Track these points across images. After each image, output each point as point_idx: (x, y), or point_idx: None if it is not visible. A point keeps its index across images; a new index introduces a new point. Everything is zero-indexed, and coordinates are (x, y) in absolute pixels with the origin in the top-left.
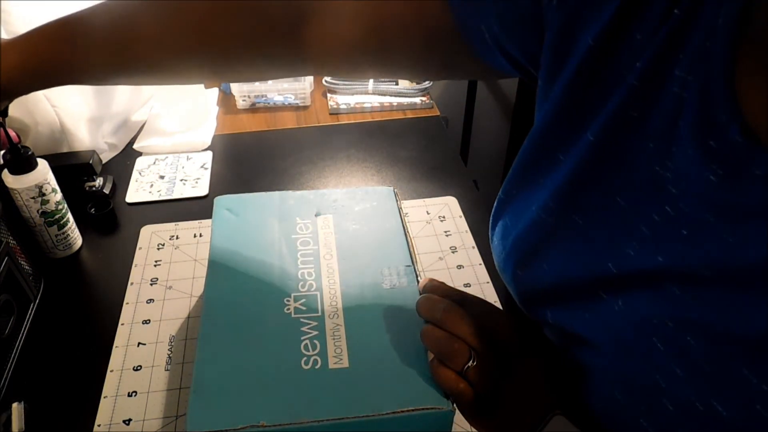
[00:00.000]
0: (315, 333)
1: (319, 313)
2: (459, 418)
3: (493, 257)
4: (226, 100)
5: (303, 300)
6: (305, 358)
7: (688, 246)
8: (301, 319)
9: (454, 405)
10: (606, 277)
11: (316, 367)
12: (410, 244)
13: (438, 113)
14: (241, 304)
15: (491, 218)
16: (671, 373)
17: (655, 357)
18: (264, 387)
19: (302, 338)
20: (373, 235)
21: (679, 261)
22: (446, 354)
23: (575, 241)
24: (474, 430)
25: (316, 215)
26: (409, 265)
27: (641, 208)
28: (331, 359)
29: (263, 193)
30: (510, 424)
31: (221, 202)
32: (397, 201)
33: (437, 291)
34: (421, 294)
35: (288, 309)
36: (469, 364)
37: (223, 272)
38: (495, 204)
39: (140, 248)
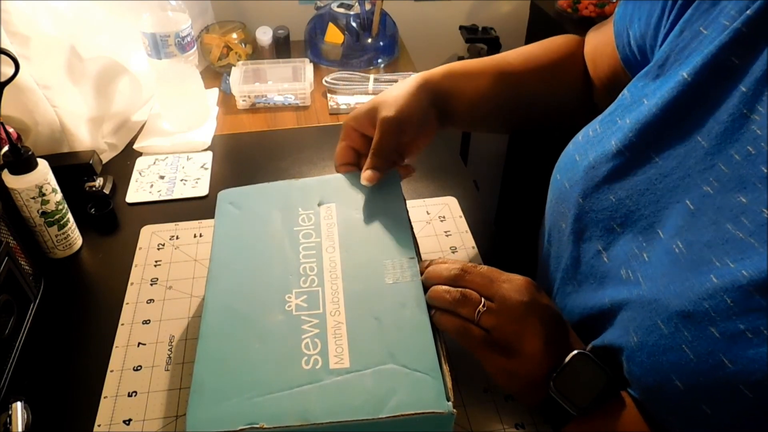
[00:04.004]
0: (316, 331)
1: (321, 311)
2: (459, 419)
3: (550, 192)
4: (226, 100)
5: (304, 297)
6: (306, 358)
7: None
8: (303, 317)
9: (455, 408)
10: (676, 213)
11: (317, 366)
12: (413, 234)
13: None
14: (243, 302)
15: (561, 157)
16: (722, 301)
17: (707, 286)
18: (264, 387)
19: (303, 337)
20: (376, 225)
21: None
22: (455, 303)
23: (647, 176)
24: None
25: (319, 204)
26: (412, 258)
27: (721, 147)
28: (332, 359)
29: (266, 184)
30: (530, 364)
31: (224, 196)
32: (399, 184)
33: (442, 262)
34: (424, 277)
35: (289, 306)
36: (480, 308)
37: (224, 270)
38: (570, 144)
39: (140, 248)
